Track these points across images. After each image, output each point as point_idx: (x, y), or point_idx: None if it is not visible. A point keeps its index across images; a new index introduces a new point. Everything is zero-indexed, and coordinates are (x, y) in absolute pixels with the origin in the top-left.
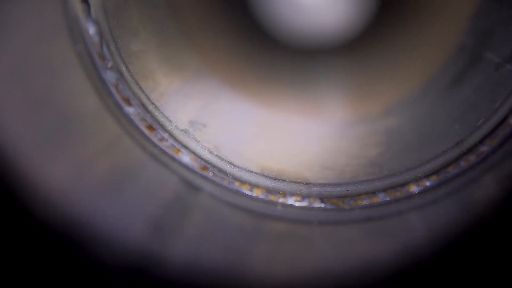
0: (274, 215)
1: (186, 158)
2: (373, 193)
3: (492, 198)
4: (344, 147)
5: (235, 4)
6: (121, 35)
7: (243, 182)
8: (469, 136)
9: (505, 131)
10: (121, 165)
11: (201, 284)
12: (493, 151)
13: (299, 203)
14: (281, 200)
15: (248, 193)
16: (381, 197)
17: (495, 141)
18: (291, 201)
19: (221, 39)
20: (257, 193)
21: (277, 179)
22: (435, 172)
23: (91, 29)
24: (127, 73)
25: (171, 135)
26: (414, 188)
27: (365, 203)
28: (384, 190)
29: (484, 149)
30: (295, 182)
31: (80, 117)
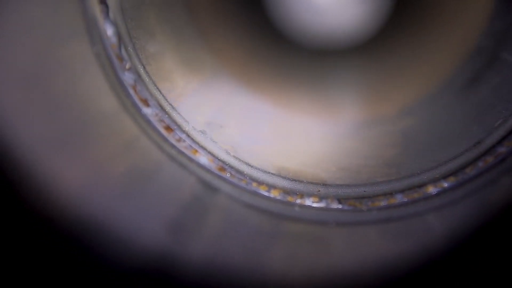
0: (291, 216)
1: (203, 159)
2: (391, 194)
3: (510, 199)
4: (360, 148)
5: (251, 5)
6: (138, 36)
7: (260, 183)
8: (487, 137)
9: None
10: (139, 166)
11: (219, 285)
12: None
13: (316, 204)
14: (298, 201)
15: (265, 194)
16: (399, 198)
17: None
18: (308, 202)
19: (237, 40)
20: (274, 194)
21: (295, 180)
22: (453, 173)
23: (109, 30)
24: (144, 74)
25: (189, 136)
26: (431, 189)
27: (382, 204)
28: (401, 191)
29: (502, 150)
30: (313, 183)
31: (98, 118)
